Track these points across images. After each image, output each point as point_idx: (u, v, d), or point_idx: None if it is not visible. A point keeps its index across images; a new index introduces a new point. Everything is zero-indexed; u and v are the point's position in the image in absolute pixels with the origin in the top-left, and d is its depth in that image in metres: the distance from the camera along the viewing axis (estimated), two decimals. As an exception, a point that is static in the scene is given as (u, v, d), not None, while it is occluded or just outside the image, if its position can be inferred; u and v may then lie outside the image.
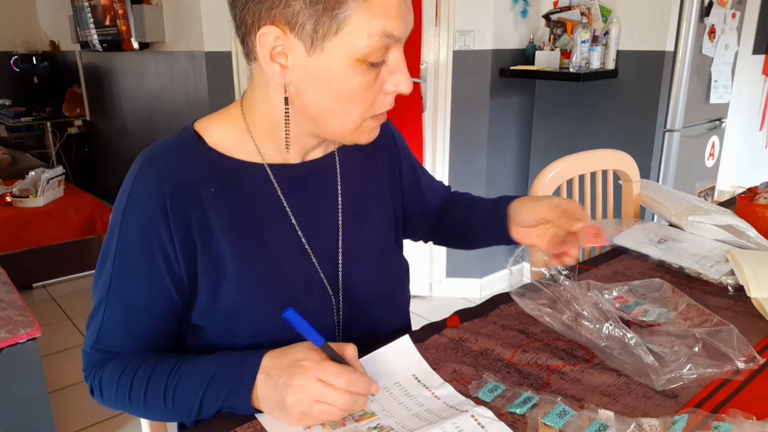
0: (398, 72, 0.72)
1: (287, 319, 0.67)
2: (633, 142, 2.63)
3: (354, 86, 0.70)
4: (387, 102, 0.75)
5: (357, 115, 0.74)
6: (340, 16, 0.65)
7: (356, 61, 0.68)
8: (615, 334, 0.83)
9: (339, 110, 0.73)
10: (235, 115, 0.81)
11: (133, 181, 0.75)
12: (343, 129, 0.75)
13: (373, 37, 0.67)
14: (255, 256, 0.79)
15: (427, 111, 2.81)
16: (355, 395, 0.67)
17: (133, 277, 0.76)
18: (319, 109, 0.73)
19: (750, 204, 1.36)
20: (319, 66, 0.69)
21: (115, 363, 0.78)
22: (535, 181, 1.37)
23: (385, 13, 0.67)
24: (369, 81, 0.71)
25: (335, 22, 0.66)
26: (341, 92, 0.71)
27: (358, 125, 0.75)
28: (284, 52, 0.69)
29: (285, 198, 0.82)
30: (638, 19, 2.53)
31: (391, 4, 0.67)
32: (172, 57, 3.09)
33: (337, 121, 0.74)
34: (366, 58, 0.68)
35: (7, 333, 1.53)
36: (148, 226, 0.74)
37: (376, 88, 0.73)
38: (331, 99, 0.72)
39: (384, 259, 0.92)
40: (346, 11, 0.65)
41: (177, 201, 0.74)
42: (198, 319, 0.80)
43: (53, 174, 3.25)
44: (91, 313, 0.79)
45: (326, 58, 0.68)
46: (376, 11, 0.66)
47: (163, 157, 0.76)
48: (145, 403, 0.75)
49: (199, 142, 0.79)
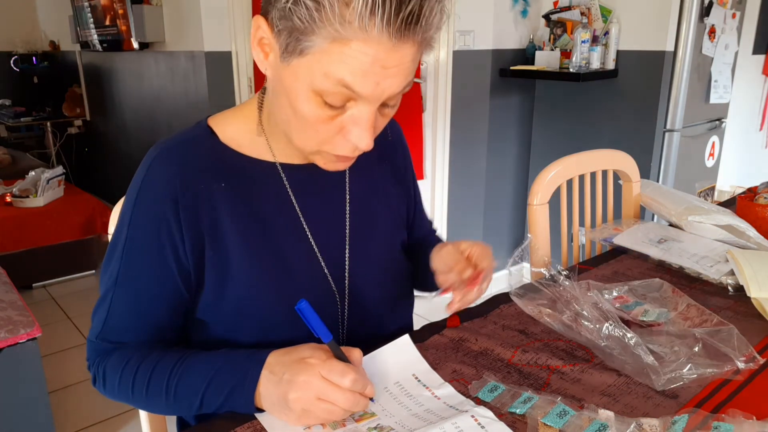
0: (357, 126, 0.68)
1: (299, 310, 0.68)
2: (633, 142, 2.63)
3: (306, 112, 0.68)
4: (346, 148, 0.71)
5: (312, 140, 0.71)
6: (305, 43, 0.63)
7: (312, 91, 0.66)
8: (615, 334, 0.83)
9: (297, 128, 0.71)
10: (249, 111, 0.82)
11: (145, 172, 0.76)
12: (300, 145, 0.74)
13: (329, 80, 0.64)
14: (262, 254, 0.79)
15: (427, 111, 2.81)
16: (358, 396, 0.67)
17: (142, 267, 0.76)
18: (282, 115, 0.73)
19: (750, 204, 1.36)
20: (285, 76, 0.68)
21: (119, 353, 0.78)
22: (535, 181, 1.37)
23: (349, 66, 0.62)
24: (321, 116, 0.68)
25: (300, 46, 0.63)
26: (296, 111, 0.69)
27: (315, 150, 0.73)
28: (269, 46, 0.69)
29: (295, 197, 0.82)
30: (638, 19, 2.53)
31: (362, 62, 0.62)
32: (172, 57, 3.09)
33: (295, 134, 0.73)
34: (321, 95, 0.66)
35: (7, 333, 1.53)
36: (158, 218, 0.74)
37: (334, 128, 0.69)
38: (290, 112, 0.70)
39: (390, 262, 0.92)
40: (311, 41, 0.62)
41: (188, 194, 0.75)
42: (202, 314, 0.81)
43: (53, 174, 3.25)
44: (98, 303, 0.80)
45: (290, 72, 0.67)
46: (342, 58, 0.62)
47: (176, 151, 0.77)
48: (147, 395, 0.75)
49: (211, 138, 0.79)
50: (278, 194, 0.81)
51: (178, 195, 0.74)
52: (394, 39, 0.62)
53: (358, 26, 0.60)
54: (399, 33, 0.61)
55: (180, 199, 0.74)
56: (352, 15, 0.59)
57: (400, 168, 0.97)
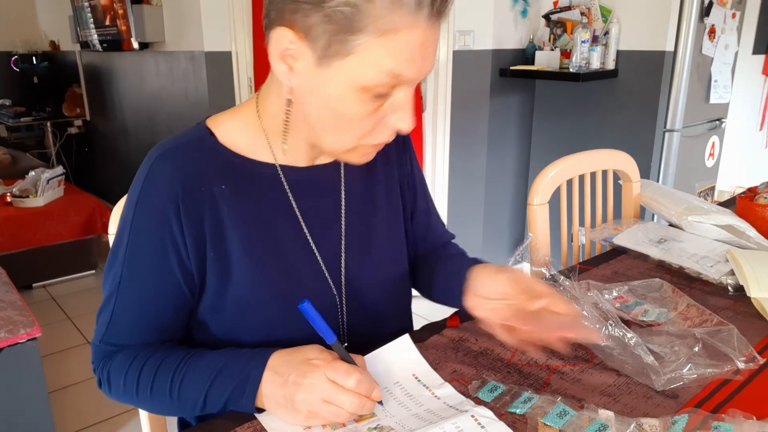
0: (401, 110, 0.70)
1: (302, 311, 0.68)
2: (633, 142, 2.63)
3: (351, 112, 0.69)
4: (386, 134, 0.73)
5: (352, 138, 0.72)
6: (353, 42, 0.63)
7: (359, 89, 0.67)
8: (615, 334, 0.83)
9: (334, 129, 0.72)
10: (249, 112, 0.81)
11: (145, 175, 0.75)
12: (335, 146, 0.74)
13: (381, 74, 0.65)
14: (263, 255, 0.79)
15: (427, 111, 2.81)
16: (364, 399, 0.67)
17: (144, 270, 0.76)
18: (315, 122, 0.73)
19: (750, 204, 1.36)
20: (324, 81, 0.68)
21: (123, 355, 0.78)
22: (535, 181, 1.37)
23: (400, 55, 0.64)
24: (368, 110, 0.69)
25: (346, 46, 0.64)
26: (338, 113, 0.70)
27: (352, 147, 0.74)
28: (295, 56, 0.68)
29: (294, 199, 0.82)
30: (638, 19, 2.53)
31: (410, 48, 0.64)
32: (172, 57, 3.09)
33: (331, 137, 0.73)
34: (370, 90, 0.67)
35: (7, 333, 1.53)
36: (160, 221, 0.74)
37: (376, 119, 0.71)
38: (330, 117, 0.71)
39: (389, 262, 0.92)
40: (359, 39, 0.63)
41: (189, 197, 0.75)
42: (203, 315, 0.81)
43: (53, 174, 3.25)
44: (102, 306, 0.80)
45: (331, 75, 0.67)
46: (390, 49, 0.64)
47: (176, 153, 0.77)
48: (151, 396, 0.75)
49: (210, 139, 0.79)
50: (278, 196, 0.81)
51: (179, 197, 0.74)
52: (434, 20, 0.65)
53: (406, 14, 0.62)
54: (438, 14, 0.65)
55: (181, 202, 0.74)
56: (401, 4, 0.62)
57: (401, 164, 0.97)
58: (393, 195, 0.94)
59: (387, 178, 0.93)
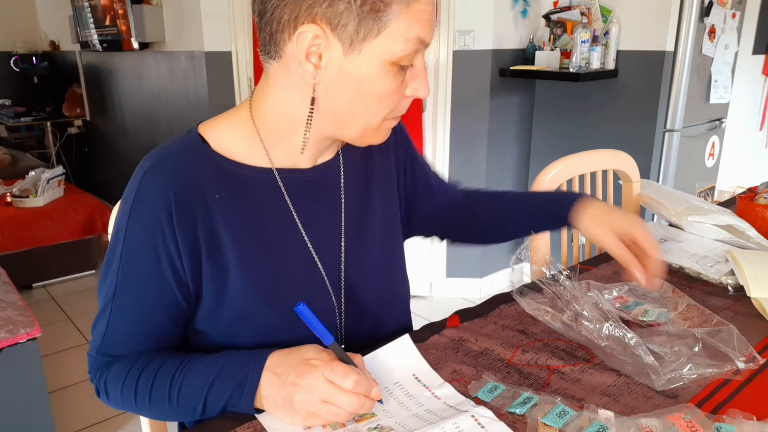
0: (419, 77, 0.74)
1: (299, 313, 0.68)
2: (633, 142, 2.63)
3: (384, 88, 0.72)
4: (406, 105, 0.77)
5: (380, 116, 0.75)
6: (384, 18, 0.67)
7: (390, 63, 0.70)
8: (615, 334, 0.83)
9: (365, 112, 0.74)
10: (242, 116, 0.80)
11: (137, 186, 0.74)
12: (364, 130, 0.76)
13: (409, 42, 0.69)
14: (260, 262, 0.78)
15: (427, 111, 2.81)
16: (362, 399, 0.67)
17: (139, 281, 0.75)
18: (346, 111, 0.74)
19: (750, 204, 1.36)
20: (354, 67, 0.69)
21: (120, 364, 0.78)
22: (535, 181, 1.37)
23: (421, 20, 0.69)
24: (397, 84, 0.72)
25: (377, 25, 0.67)
26: (371, 94, 0.72)
27: (378, 126, 0.77)
28: (319, 51, 0.69)
29: (292, 203, 0.81)
30: (638, 19, 2.53)
31: (426, 11, 0.69)
32: (172, 57, 3.09)
33: (361, 122, 0.75)
34: (398, 62, 0.70)
35: (7, 333, 1.54)
36: (153, 231, 0.73)
37: (402, 91, 0.74)
38: (360, 100, 0.72)
39: (387, 262, 0.92)
40: (388, 14, 0.67)
41: (182, 206, 0.74)
42: (201, 324, 0.80)
43: (53, 174, 3.26)
44: (97, 317, 0.79)
45: (362, 59, 0.69)
46: (414, 17, 0.68)
47: (167, 162, 0.75)
48: (150, 403, 0.75)
49: (202, 147, 0.77)
50: (275, 200, 0.80)
51: (171, 208, 0.73)
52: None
53: None
54: None
55: (174, 213, 0.73)
56: None
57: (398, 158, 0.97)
58: (390, 188, 0.94)
59: (382, 165, 0.93)
